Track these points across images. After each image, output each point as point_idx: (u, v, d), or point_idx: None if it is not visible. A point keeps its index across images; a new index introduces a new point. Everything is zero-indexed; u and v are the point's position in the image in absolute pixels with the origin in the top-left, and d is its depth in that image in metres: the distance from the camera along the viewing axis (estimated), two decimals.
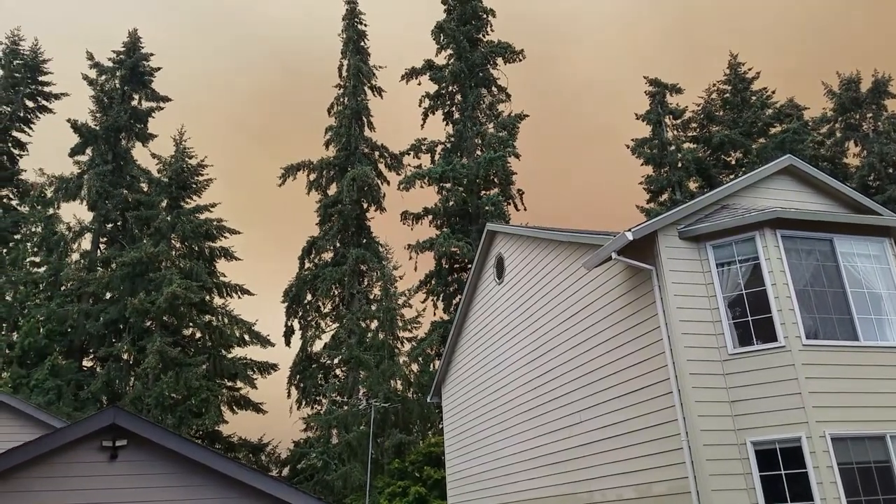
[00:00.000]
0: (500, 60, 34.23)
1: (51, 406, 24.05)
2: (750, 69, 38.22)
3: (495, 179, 31.61)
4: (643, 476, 9.30)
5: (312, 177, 34.19)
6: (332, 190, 34.06)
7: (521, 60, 33.96)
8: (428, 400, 19.30)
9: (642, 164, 36.94)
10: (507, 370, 13.51)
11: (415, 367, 29.33)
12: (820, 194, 10.74)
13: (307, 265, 33.33)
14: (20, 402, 13.19)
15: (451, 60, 34.00)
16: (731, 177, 33.51)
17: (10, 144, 34.26)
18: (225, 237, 32.89)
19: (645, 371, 9.34)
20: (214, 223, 32.27)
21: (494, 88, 34.09)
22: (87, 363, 30.14)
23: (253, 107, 77.81)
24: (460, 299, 27.46)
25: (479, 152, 32.13)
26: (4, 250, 30.48)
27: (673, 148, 36.08)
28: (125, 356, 28.72)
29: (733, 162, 36.67)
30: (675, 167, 35.64)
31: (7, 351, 27.21)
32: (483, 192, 31.61)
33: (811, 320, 9.03)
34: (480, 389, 14.85)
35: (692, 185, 35.88)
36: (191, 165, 32.35)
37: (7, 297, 28.40)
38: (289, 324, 32.56)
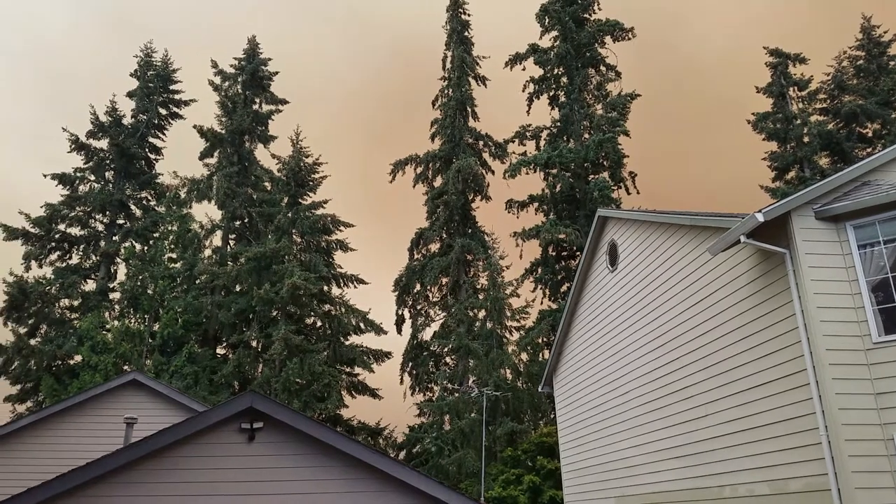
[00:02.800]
0: (608, 39, 33.06)
1: (189, 390, 26.15)
2: (886, 31, 34.69)
3: (605, 162, 30.70)
4: (777, 472, 8.77)
5: (419, 170, 34.90)
6: (438, 182, 34.61)
7: (630, 38, 32.72)
8: (539, 389, 19.16)
9: (764, 140, 34.63)
10: (624, 360, 13.14)
11: (524, 356, 29.24)
12: None
13: (416, 256, 34.15)
14: (165, 386, 14.41)
15: (557, 42, 33.30)
16: (868, 151, 30.66)
17: (147, 150, 37.30)
18: (340, 230, 34.30)
19: (778, 361, 8.77)
20: (330, 218, 33.70)
21: (603, 68, 33.00)
22: (220, 350, 32.47)
23: (364, 103, 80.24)
24: (569, 287, 27.07)
25: (586, 135, 31.35)
26: (146, 248, 33.37)
27: (799, 122, 33.50)
28: (254, 343, 30.74)
29: (870, 134, 33.50)
30: (801, 142, 33.09)
31: (150, 340, 29.89)
32: (591, 176, 30.83)
33: None
34: (595, 380, 14.55)
35: (823, 161, 33.19)
36: (307, 164, 33.95)
37: (149, 291, 31.11)
38: (399, 313, 33.58)
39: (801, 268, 8.46)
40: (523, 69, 34.03)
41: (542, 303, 30.65)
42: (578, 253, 29.29)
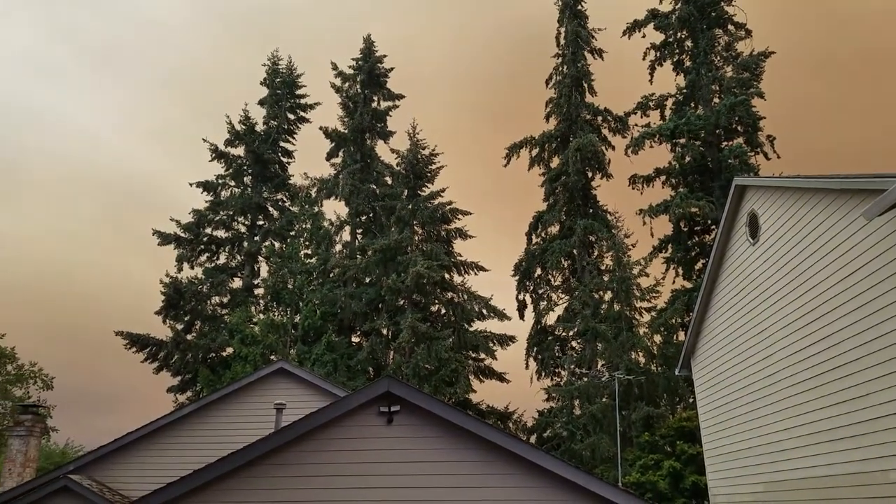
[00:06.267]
0: None
1: (329, 376, 27.69)
2: None
3: (738, 127, 28.61)
4: None
5: (535, 152, 34.42)
6: (555, 163, 33.95)
7: None
8: (676, 373, 18.32)
9: None
10: (772, 339, 12.21)
11: (657, 338, 28.13)
12: None
13: (535, 240, 33.82)
14: (309, 373, 15.24)
15: (678, 5, 31.44)
16: None
17: (279, 154, 39.73)
18: (458, 219, 34.66)
19: None
20: (448, 207, 34.14)
21: (731, 27, 30.63)
22: (354, 339, 34.11)
23: (475, 88, 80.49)
24: (704, 264, 25.60)
25: (716, 100, 29.39)
26: (284, 246, 35.65)
27: None
28: (384, 331, 32.00)
29: None
30: None
31: (292, 331, 31.96)
32: (724, 143, 28.88)
33: None
34: (739, 360, 13.67)
35: None
36: (424, 156, 34.62)
37: (289, 286, 33.22)
38: (520, 298, 33.44)
39: None
40: (643, 36, 32.43)
41: (674, 282, 29.26)
42: (713, 227, 27.64)
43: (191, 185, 37.11)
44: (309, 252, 34.79)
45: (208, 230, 36.51)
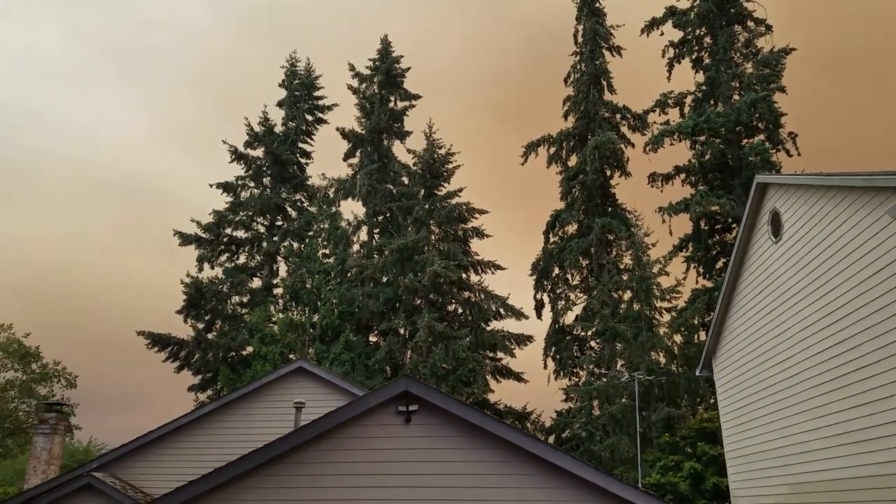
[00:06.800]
0: None
1: (348, 375, 27.78)
2: None
3: (759, 124, 28.23)
4: None
5: (552, 150, 34.25)
6: (573, 161, 33.75)
7: None
8: (697, 373, 18.13)
9: None
10: (795, 339, 12.03)
11: (677, 338, 27.82)
12: None
13: (552, 239, 33.66)
14: (328, 372, 15.30)
15: (697, 1, 31.14)
16: None
17: (297, 155, 39.96)
18: (475, 218, 34.59)
19: None
20: (464, 206, 34.08)
21: (750, 23, 30.27)
22: (372, 338, 34.20)
23: (491, 86, 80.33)
24: (725, 263, 25.33)
25: (736, 97, 29.05)
26: (302, 246, 35.84)
27: None
28: (401, 331, 32.03)
29: None
30: None
31: (311, 330, 32.13)
32: (745, 140, 28.52)
33: None
34: (761, 361, 13.49)
35: None
36: (440, 155, 34.60)
37: (307, 286, 33.40)
38: (538, 297, 33.28)
39: None
40: (661, 34, 32.16)
41: (696, 281, 28.92)
42: (734, 225, 27.32)
43: (211, 185, 37.46)
44: (327, 252, 34.97)
45: (228, 231, 36.83)
